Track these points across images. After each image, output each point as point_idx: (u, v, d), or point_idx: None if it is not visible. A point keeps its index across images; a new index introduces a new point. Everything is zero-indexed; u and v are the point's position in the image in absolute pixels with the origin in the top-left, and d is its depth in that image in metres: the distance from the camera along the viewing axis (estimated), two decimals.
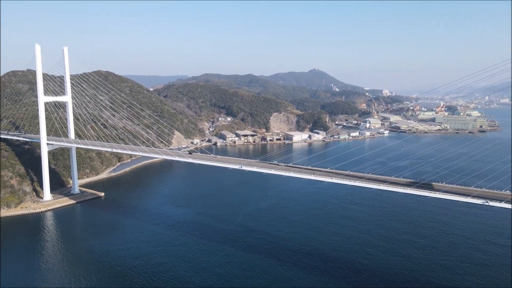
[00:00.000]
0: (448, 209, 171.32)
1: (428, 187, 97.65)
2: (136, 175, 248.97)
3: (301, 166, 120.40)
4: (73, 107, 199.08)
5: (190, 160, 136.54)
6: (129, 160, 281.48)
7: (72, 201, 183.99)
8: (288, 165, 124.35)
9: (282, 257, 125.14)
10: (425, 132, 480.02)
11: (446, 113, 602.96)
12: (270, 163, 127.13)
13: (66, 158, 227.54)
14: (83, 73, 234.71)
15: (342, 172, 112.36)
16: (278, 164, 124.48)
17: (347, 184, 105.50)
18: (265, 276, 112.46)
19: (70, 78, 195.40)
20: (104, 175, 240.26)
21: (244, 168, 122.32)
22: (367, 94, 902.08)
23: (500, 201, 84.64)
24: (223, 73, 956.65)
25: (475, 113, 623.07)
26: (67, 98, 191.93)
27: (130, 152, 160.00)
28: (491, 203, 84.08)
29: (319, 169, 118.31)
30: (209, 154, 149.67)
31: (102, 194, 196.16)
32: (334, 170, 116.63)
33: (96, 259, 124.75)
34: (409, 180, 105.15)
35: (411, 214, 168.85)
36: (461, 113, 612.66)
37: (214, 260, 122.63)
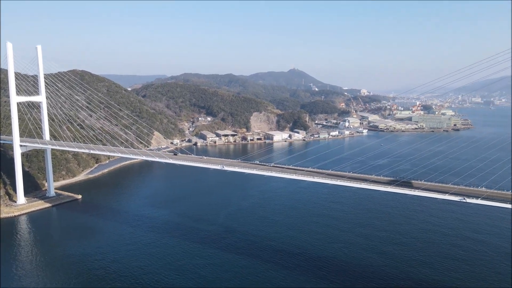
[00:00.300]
0: (426, 206, 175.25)
1: (408, 185, 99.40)
2: (115, 176, 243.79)
3: (283, 166, 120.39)
4: (47, 107, 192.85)
5: (171, 161, 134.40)
6: (107, 162, 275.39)
7: (47, 204, 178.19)
8: (271, 164, 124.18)
9: (265, 257, 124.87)
10: (402, 131, 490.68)
11: (422, 112, 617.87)
12: (252, 163, 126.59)
13: (41, 160, 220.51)
14: (58, 72, 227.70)
15: (324, 171, 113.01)
16: (261, 164, 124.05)
17: (329, 183, 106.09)
18: (248, 277, 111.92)
19: (44, 78, 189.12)
20: (81, 177, 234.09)
21: (226, 168, 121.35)
22: (346, 93, 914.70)
23: (477, 197, 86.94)
24: (203, 72, 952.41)
25: (449, 112, 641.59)
26: (41, 98, 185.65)
27: (108, 154, 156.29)
28: (468, 200, 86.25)
29: (301, 168, 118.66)
30: (189, 154, 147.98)
31: (79, 196, 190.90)
32: (315, 170, 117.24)
33: (74, 263, 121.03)
34: (389, 178, 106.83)
35: (390, 211, 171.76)
36: (436, 112, 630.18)
37: (196, 262, 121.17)
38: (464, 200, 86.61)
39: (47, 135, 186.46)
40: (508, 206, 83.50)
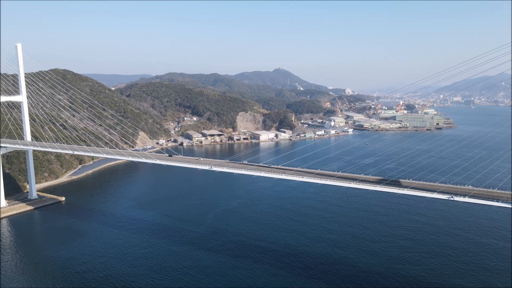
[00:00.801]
0: (412, 205, 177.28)
1: (396, 184, 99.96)
2: (99, 177, 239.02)
3: (272, 166, 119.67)
4: (28, 107, 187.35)
5: (164, 162, 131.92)
6: (91, 162, 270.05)
7: (29, 207, 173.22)
8: (259, 164, 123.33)
9: (254, 257, 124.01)
10: (387, 130, 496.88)
11: (405, 112, 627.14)
12: (240, 163, 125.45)
13: (22, 162, 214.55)
14: (39, 71, 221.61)
15: (313, 171, 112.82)
16: (249, 164, 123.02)
17: (318, 183, 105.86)
18: (238, 278, 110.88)
19: (25, 77, 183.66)
20: (64, 178, 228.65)
21: (214, 169, 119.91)
22: (331, 93, 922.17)
23: (464, 195, 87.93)
24: (188, 72, 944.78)
25: (432, 111, 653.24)
26: (21, 98, 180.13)
27: (94, 155, 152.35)
28: (456, 198, 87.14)
29: (289, 168, 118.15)
30: (177, 155, 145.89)
31: (63, 198, 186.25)
32: (304, 169, 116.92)
33: (59, 267, 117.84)
34: (377, 177, 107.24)
35: (378, 210, 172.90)
36: (419, 112, 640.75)
37: (185, 264, 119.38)
38: (452, 198, 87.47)
39: (28, 136, 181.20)
40: (495, 204, 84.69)
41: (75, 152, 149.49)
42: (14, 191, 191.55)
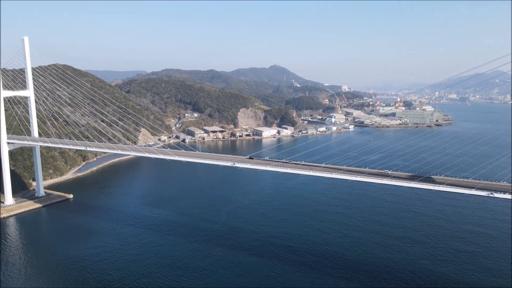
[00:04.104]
0: (428, 200, 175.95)
1: (430, 180, 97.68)
2: (104, 174, 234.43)
3: (297, 162, 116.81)
4: (29, 103, 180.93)
5: (179, 158, 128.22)
6: (95, 159, 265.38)
7: (37, 205, 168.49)
8: (282, 161, 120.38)
9: (275, 255, 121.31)
10: (388, 127, 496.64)
11: (404, 108, 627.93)
12: (263, 160, 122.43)
13: (26, 158, 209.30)
14: (39, 66, 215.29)
15: (340, 167, 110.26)
16: (272, 160, 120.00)
17: (349, 180, 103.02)
18: (258, 275, 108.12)
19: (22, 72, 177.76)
20: (69, 175, 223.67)
21: (237, 165, 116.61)
22: (328, 89, 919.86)
23: (504, 192, 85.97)
24: (184, 68, 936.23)
25: (429, 108, 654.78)
26: (28, 93, 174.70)
27: (107, 151, 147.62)
28: (496, 195, 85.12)
29: (315, 164, 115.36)
30: (194, 151, 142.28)
31: (71, 196, 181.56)
32: (329, 166, 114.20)
33: (73, 267, 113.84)
34: (409, 174, 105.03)
35: (391, 206, 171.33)
36: (417, 108, 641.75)
37: (204, 262, 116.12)
38: (491, 195, 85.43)
39: (35, 132, 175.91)
40: None
41: (88, 148, 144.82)
42: (20, 188, 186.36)
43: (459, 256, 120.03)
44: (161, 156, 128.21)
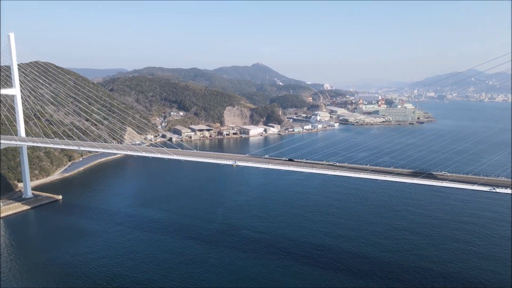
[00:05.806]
0: (414, 198, 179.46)
1: (431, 176, 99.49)
2: (92, 174, 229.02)
3: (299, 160, 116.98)
4: (14, 101, 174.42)
5: (178, 157, 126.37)
6: (81, 159, 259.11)
7: (25, 207, 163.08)
8: (282, 159, 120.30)
9: (268, 253, 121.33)
10: (371, 124, 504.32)
11: (385, 106, 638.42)
12: (262, 157, 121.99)
13: (10, 159, 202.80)
14: (20, 63, 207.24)
15: (344, 165, 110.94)
16: (273, 158, 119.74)
17: (352, 176, 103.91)
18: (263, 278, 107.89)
19: (2, 69, 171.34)
20: (55, 176, 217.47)
21: (239, 163, 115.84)
22: (311, 88, 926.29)
23: (506, 187, 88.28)
24: (166, 66, 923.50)
25: (410, 106, 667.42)
26: (15, 91, 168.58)
27: (102, 150, 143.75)
28: (498, 190, 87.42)
29: (317, 162, 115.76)
30: (192, 150, 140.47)
31: (60, 197, 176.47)
32: (331, 163, 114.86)
33: (66, 268, 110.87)
34: (410, 170, 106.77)
35: (389, 205, 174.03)
36: (399, 106, 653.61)
37: (200, 260, 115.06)
38: (494, 190, 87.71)
39: (22, 131, 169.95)
40: None
41: (81, 148, 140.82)
42: (5, 190, 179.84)
43: (459, 256, 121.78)
44: (159, 155, 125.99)
